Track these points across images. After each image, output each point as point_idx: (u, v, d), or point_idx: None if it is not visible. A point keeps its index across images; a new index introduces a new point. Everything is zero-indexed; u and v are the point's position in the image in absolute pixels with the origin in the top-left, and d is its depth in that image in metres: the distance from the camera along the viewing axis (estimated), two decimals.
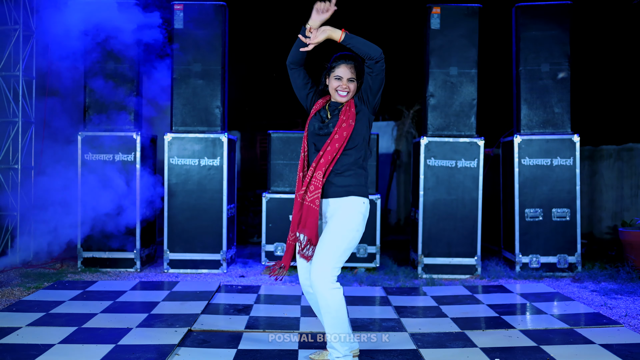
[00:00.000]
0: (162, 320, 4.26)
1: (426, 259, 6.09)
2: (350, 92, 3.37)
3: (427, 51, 6.22)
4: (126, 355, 3.51)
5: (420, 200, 6.11)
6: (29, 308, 4.52)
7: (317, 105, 3.43)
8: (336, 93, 3.37)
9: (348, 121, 3.28)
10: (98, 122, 6.21)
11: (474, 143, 6.08)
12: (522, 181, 6.18)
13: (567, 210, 6.15)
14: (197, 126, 6.24)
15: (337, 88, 3.35)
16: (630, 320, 4.35)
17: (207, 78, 6.23)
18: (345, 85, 3.35)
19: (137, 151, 6.15)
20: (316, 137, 3.35)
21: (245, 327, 4.14)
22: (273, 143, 6.31)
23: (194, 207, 6.13)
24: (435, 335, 3.99)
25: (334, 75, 3.37)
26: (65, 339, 3.77)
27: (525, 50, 6.25)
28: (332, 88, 3.38)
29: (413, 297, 5.12)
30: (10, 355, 3.46)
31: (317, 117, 3.40)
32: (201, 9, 6.16)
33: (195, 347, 3.73)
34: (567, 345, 3.77)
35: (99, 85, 6.19)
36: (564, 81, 6.22)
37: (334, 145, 3.25)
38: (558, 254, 6.13)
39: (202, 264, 6.15)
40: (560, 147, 6.17)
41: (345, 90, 3.35)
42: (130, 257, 6.17)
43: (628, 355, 3.55)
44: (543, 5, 6.22)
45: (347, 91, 3.35)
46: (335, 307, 3.19)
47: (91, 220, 6.13)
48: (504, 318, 4.41)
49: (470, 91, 6.17)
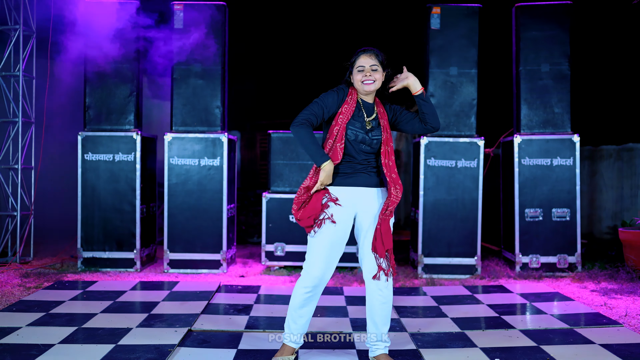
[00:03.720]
0: (162, 320, 4.26)
1: (426, 259, 6.09)
2: (376, 81, 3.33)
3: (427, 51, 6.22)
4: (126, 355, 3.51)
5: (420, 200, 6.11)
6: (29, 308, 4.52)
7: (345, 110, 3.33)
8: (362, 85, 3.32)
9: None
10: (98, 122, 6.21)
11: (474, 143, 6.08)
12: (522, 181, 6.18)
13: (567, 210, 6.15)
14: (197, 126, 6.24)
15: (362, 80, 3.31)
16: (630, 320, 4.35)
17: (207, 78, 6.23)
18: (369, 74, 3.31)
19: (137, 151, 6.15)
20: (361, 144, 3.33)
21: (245, 327, 4.14)
22: (273, 143, 6.31)
23: (194, 207, 6.13)
24: (435, 335, 3.99)
25: (356, 68, 3.33)
26: (65, 339, 3.77)
27: (525, 50, 6.25)
28: (358, 82, 3.33)
29: (413, 297, 5.12)
30: (10, 355, 3.46)
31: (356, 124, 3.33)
32: (201, 8, 6.16)
33: (195, 347, 3.73)
34: (567, 345, 3.77)
35: (99, 85, 6.19)
36: (564, 81, 6.22)
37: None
38: (558, 254, 6.13)
39: (202, 264, 6.15)
40: (560, 147, 6.17)
41: (370, 79, 3.31)
42: (130, 257, 6.17)
43: (628, 355, 3.55)
44: (543, 5, 6.22)
45: (372, 80, 3.32)
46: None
47: (91, 220, 6.14)
48: (504, 318, 4.41)
49: (470, 91, 6.17)
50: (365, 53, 3.34)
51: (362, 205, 3.34)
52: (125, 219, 6.15)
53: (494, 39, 7.16)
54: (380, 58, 3.35)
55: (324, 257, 3.27)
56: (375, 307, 3.35)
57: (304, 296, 3.34)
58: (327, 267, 3.29)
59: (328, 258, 3.28)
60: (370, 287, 3.33)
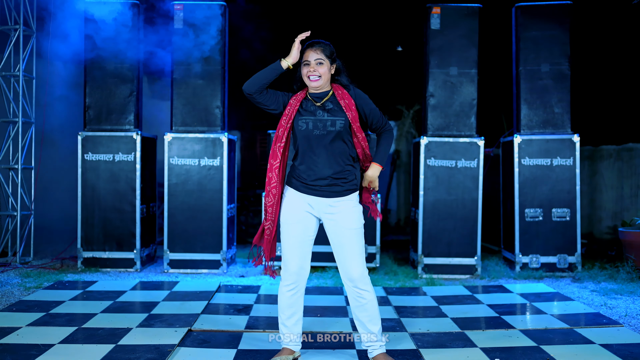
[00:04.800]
0: (162, 320, 4.26)
1: (426, 259, 6.09)
2: (322, 76, 3.27)
3: (427, 51, 6.22)
4: (126, 355, 3.51)
5: (420, 200, 6.11)
6: (29, 308, 4.52)
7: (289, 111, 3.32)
8: (308, 80, 3.29)
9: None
10: (98, 122, 6.21)
11: (474, 143, 6.08)
12: (522, 181, 6.18)
13: (567, 210, 6.15)
14: (197, 126, 6.24)
15: (307, 74, 3.27)
16: (630, 320, 4.35)
17: (207, 78, 6.23)
18: (314, 68, 3.26)
19: (137, 151, 6.15)
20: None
21: (245, 327, 4.14)
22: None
23: (194, 207, 6.13)
24: (435, 335, 3.99)
25: (303, 63, 3.30)
26: (65, 339, 3.77)
27: (525, 50, 6.25)
28: (304, 76, 3.30)
29: (413, 297, 5.12)
30: (10, 355, 3.46)
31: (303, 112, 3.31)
32: (201, 8, 6.16)
33: (195, 347, 3.73)
34: (567, 345, 3.77)
35: (99, 85, 6.19)
36: (564, 81, 6.22)
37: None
38: (558, 254, 6.13)
39: (202, 264, 6.15)
40: (560, 147, 6.17)
41: (314, 74, 3.26)
42: (130, 257, 6.17)
43: (628, 355, 3.55)
44: (543, 5, 6.22)
45: (317, 75, 3.26)
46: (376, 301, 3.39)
47: (91, 220, 6.14)
48: (504, 318, 4.41)
49: (470, 91, 6.17)
50: (311, 47, 3.29)
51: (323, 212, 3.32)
52: (125, 219, 6.15)
53: (494, 39, 7.16)
54: (327, 52, 3.29)
55: (297, 253, 3.33)
56: (358, 309, 3.37)
57: (288, 294, 3.39)
58: (302, 261, 3.35)
59: (300, 253, 3.34)
60: (351, 290, 3.35)
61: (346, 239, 3.29)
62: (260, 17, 7.42)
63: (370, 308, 3.34)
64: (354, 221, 3.30)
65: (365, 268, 3.33)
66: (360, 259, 3.30)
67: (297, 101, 3.33)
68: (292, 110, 3.31)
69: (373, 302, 3.35)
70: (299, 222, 3.33)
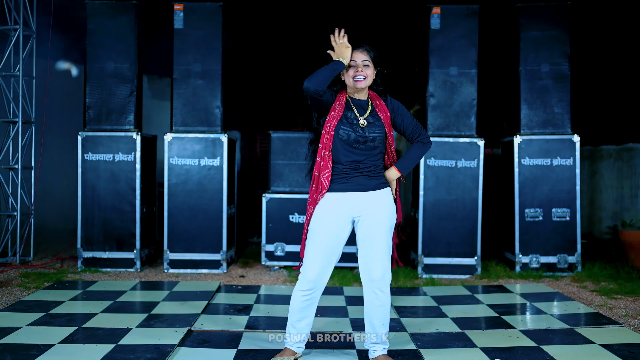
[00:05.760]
0: (162, 320, 4.26)
1: (426, 259, 6.09)
2: (368, 77, 3.28)
3: (427, 51, 6.22)
4: (126, 355, 3.51)
5: (420, 200, 6.11)
6: (29, 308, 4.52)
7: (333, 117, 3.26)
8: (353, 81, 3.27)
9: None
10: (98, 122, 6.21)
11: (474, 143, 6.08)
12: (522, 181, 6.18)
13: (567, 210, 6.15)
14: (197, 126, 6.24)
15: (354, 75, 3.25)
16: (630, 320, 4.35)
17: (207, 78, 6.23)
18: (361, 69, 3.25)
19: (137, 151, 6.15)
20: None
21: (245, 327, 4.14)
22: (273, 143, 6.31)
23: (194, 207, 6.13)
24: (435, 335, 3.99)
25: (348, 64, 3.27)
26: (65, 339, 3.77)
27: (525, 50, 6.25)
28: (349, 77, 3.28)
29: (413, 297, 5.12)
30: (10, 355, 3.46)
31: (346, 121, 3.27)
32: (201, 8, 6.16)
33: (195, 347, 3.73)
34: (567, 345, 3.77)
35: (99, 85, 6.19)
36: (564, 81, 6.22)
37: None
38: (558, 254, 6.13)
39: (202, 264, 6.15)
40: (560, 147, 6.17)
41: (361, 74, 3.25)
42: (130, 257, 6.17)
43: (628, 355, 3.55)
44: (543, 6, 6.22)
45: (363, 76, 3.26)
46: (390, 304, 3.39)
47: (91, 220, 6.14)
48: (504, 318, 4.41)
49: (470, 91, 6.17)
50: (357, 49, 3.30)
51: (360, 210, 3.30)
52: (125, 219, 6.15)
53: (494, 39, 7.15)
54: (372, 55, 3.31)
55: (319, 261, 3.27)
56: (372, 310, 3.34)
57: (302, 299, 3.34)
58: (322, 270, 3.28)
59: (323, 262, 3.27)
60: (368, 290, 3.32)
61: (375, 237, 3.26)
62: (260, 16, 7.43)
63: (384, 311, 3.33)
64: (385, 219, 3.28)
65: (388, 270, 3.29)
66: (385, 260, 3.27)
67: (340, 107, 3.29)
68: (336, 116, 3.27)
69: (387, 305, 3.34)
70: (329, 229, 3.27)
